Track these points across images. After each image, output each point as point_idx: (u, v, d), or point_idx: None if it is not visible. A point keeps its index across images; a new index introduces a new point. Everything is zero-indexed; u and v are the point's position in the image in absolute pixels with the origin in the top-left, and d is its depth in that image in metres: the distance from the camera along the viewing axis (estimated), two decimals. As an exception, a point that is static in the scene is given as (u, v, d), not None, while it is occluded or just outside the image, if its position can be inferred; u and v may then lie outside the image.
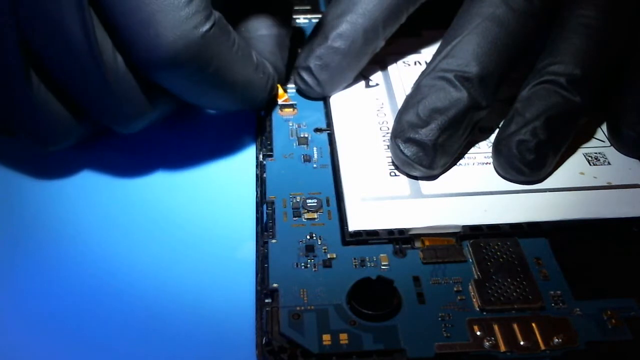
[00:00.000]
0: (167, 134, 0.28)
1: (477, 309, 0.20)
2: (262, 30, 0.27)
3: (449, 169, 0.25)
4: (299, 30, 0.32)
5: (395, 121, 0.25)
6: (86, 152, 0.27)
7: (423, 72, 0.25)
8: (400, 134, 0.24)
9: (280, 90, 0.28)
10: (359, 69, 0.28)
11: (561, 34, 0.25)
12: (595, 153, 0.25)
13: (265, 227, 0.23)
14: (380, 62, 0.30)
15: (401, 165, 0.24)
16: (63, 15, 0.20)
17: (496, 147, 0.24)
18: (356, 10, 0.27)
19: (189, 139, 0.28)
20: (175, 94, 0.24)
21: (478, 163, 0.25)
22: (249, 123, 0.28)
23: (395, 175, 0.24)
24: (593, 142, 0.26)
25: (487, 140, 0.26)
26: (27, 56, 0.21)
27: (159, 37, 0.21)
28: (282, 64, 0.27)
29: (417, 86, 0.25)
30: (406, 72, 0.29)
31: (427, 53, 0.30)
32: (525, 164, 0.23)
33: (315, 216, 0.23)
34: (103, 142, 0.27)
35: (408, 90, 0.26)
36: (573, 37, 0.25)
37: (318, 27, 0.28)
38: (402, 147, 0.24)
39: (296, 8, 0.34)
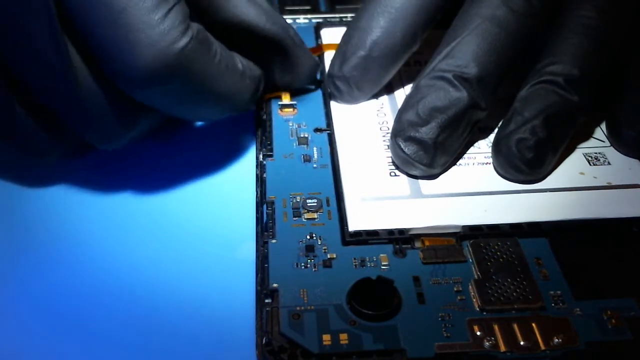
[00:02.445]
0: (167, 135, 0.28)
1: (477, 309, 0.20)
2: (250, 33, 0.25)
3: (449, 169, 0.25)
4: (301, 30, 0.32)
5: (395, 120, 0.25)
6: (85, 154, 0.27)
7: (422, 72, 0.25)
8: (400, 132, 0.24)
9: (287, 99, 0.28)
10: (393, 74, 0.27)
11: (560, 34, 0.25)
12: (595, 153, 0.25)
13: (265, 227, 0.23)
14: (380, 62, 0.30)
15: (401, 164, 0.24)
16: (37, 39, 0.20)
17: (496, 146, 0.24)
18: (393, 15, 0.26)
19: (189, 139, 0.28)
20: (159, 110, 0.24)
21: (478, 163, 0.25)
22: (249, 123, 0.28)
23: (395, 175, 0.24)
24: (593, 142, 0.26)
25: (487, 140, 0.26)
26: (5, 75, 0.21)
27: (134, 56, 0.20)
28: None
29: (417, 86, 0.25)
30: (406, 72, 0.29)
31: (427, 53, 0.30)
32: (524, 163, 0.23)
33: (315, 216, 0.23)
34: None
35: (408, 90, 0.26)
36: (572, 37, 0.25)
37: (352, 34, 0.27)
38: (402, 146, 0.24)
39: (296, 8, 0.34)
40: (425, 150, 0.24)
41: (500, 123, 0.25)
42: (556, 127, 0.24)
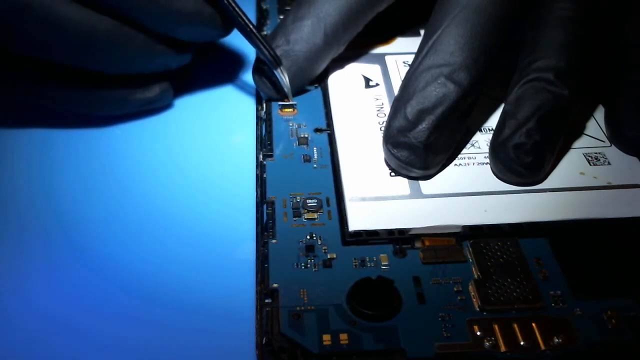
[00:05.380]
0: (167, 134, 0.28)
1: (477, 309, 0.20)
2: None
3: (448, 169, 0.25)
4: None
5: (385, 126, 0.24)
6: (86, 154, 0.27)
7: (407, 72, 0.25)
8: (390, 139, 0.24)
9: None
10: (317, 73, 0.28)
11: (539, 29, 0.25)
12: (595, 153, 0.25)
13: (265, 227, 0.23)
14: (380, 62, 0.30)
15: (396, 168, 0.24)
16: None
17: (493, 153, 0.24)
18: (317, 14, 0.27)
19: (189, 139, 0.28)
20: None
21: (478, 163, 0.25)
22: (249, 123, 0.28)
23: (395, 175, 0.24)
24: (593, 142, 0.26)
25: (487, 140, 0.26)
26: None
27: None
28: None
29: (404, 87, 0.25)
30: (406, 72, 0.29)
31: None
32: (524, 167, 0.23)
33: (315, 216, 0.23)
34: (104, 141, 0.27)
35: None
36: (551, 31, 0.25)
37: (278, 31, 0.28)
38: (393, 152, 0.24)
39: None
40: (416, 154, 0.23)
41: (495, 127, 0.25)
42: (551, 125, 0.24)
